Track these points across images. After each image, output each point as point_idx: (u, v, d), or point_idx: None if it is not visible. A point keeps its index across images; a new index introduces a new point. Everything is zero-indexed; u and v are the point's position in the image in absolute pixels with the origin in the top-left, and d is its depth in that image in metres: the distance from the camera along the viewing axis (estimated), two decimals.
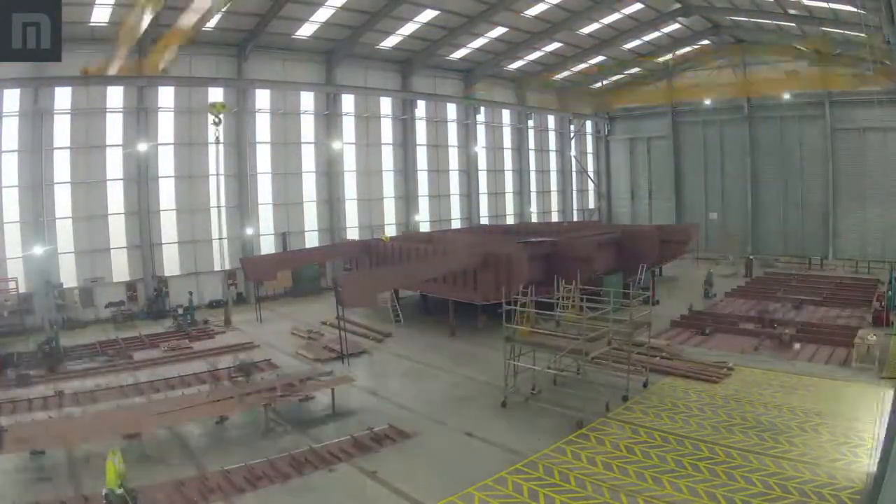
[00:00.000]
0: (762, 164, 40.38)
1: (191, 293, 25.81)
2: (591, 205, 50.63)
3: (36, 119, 23.50)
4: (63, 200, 24.73)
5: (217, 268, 28.52)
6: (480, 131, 40.87)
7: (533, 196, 44.86)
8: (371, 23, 28.88)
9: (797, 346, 18.98)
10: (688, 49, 40.19)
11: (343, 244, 30.31)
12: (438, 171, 38.36)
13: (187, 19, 19.56)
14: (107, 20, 23.28)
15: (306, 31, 28.83)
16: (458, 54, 36.01)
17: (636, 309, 16.12)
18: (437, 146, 38.23)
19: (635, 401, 14.85)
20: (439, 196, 38.58)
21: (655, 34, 37.40)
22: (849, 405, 14.13)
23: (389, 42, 32.27)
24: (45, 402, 15.51)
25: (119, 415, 13.71)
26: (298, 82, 30.89)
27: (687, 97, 40.92)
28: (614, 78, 44.61)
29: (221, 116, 24.60)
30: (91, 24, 23.11)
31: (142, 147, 25.90)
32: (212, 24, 25.96)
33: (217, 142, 25.43)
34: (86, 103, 24.89)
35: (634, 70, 43.01)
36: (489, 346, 19.08)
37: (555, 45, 37.12)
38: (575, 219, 47.19)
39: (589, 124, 49.80)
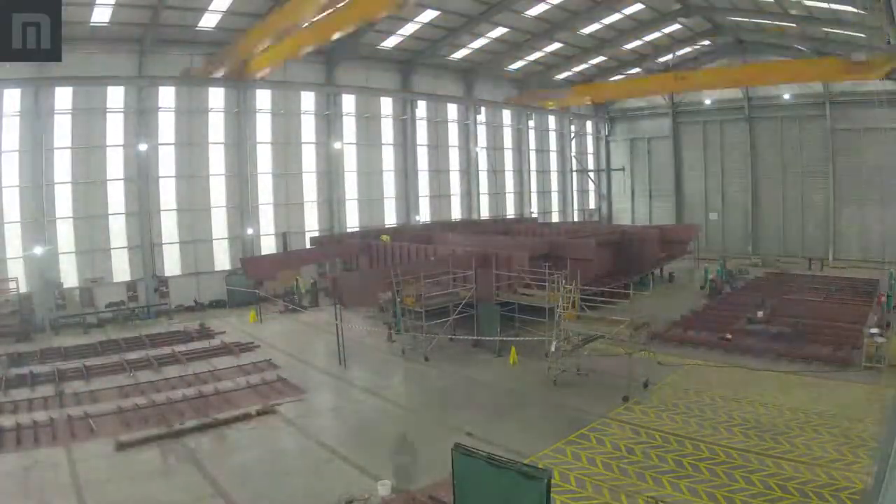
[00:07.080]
0: (762, 164, 40.35)
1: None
2: (592, 205, 50.63)
3: (36, 119, 23.48)
4: (63, 200, 24.70)
5: (218, 268, 28.57)
6: (480, 131, 40.85)
7: (533, 196, 44.84)
8: (371, 23, 28.83)
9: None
10: (688, 49, 40.18)
11: (344, 244, 30.21)
12: (438, 171, 38.34)
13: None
14: (107, 20, 23.32)
15: None
16: (459, 54, 35.98)
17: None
18: (438, 146, 38.22)
19: (635, 401, 14.84)
20: (440, 196, 38.56)
21: (656, 35, 37.32)
22: (849, 405, 14.13)
23: (390, 42, 32.26)
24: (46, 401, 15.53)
25: None
26: (299, 82, 30.88)
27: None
28: (614, 78, 44.56)
29: None
30: (91, 25, 23.12)
31: (142, 147, 25.91)
32: (212, 24, 25.99)
33: None
34: (86, 103, 24.87)
35: (635, 70, 43.00)
36: (489, 347, 19.11)
37: (555, 46, 37.06)
38: (575, 219, 47.18)
39: (589, 125, 49.75)
